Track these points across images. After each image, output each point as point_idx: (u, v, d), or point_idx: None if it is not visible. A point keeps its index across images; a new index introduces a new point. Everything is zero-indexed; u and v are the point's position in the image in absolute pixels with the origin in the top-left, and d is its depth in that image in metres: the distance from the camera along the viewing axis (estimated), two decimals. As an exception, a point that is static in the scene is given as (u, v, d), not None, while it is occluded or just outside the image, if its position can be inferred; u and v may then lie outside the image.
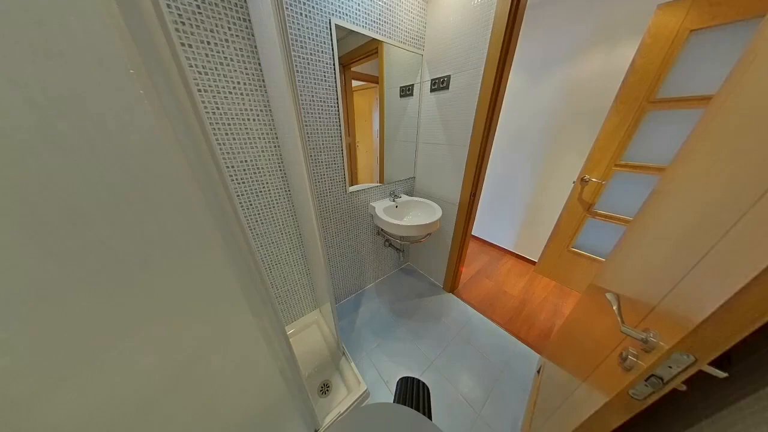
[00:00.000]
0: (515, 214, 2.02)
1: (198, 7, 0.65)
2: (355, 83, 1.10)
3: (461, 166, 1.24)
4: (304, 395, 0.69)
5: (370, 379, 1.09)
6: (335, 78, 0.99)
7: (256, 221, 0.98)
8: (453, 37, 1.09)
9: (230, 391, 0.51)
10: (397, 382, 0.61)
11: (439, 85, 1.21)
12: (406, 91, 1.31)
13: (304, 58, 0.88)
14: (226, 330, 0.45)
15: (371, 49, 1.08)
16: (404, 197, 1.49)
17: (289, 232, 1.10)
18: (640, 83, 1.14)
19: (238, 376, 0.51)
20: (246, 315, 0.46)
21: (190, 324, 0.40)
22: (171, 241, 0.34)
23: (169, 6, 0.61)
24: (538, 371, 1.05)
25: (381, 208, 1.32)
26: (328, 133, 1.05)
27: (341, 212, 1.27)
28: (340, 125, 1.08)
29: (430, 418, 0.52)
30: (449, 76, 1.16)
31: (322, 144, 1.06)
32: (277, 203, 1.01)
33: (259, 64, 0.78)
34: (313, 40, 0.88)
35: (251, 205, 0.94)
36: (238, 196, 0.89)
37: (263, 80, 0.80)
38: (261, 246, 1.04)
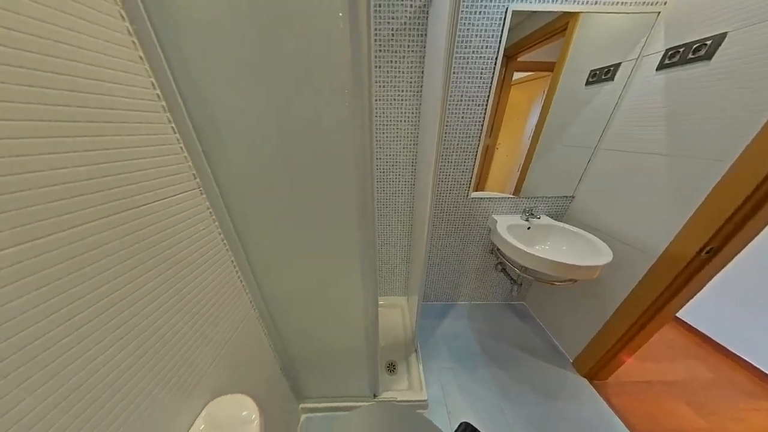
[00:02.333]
0: None
1: (392, 34, 0.85)
2: (516, 75, 0.95)
3: (694, 194, 0.71)
4: (374, 358, 0.80)
5: (432, 395, 1.03)
6: (493, 73, 0.91)
7: (382, 204, 1.19)
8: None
9: (335, 316, 0.70)
10: (462, 424, 0.53)
11: (686, 55, 0.73)
12: (601, 76, 0.93)
13: (464, 58, 0.89)
14: (343, 274, 0.61)
15: (557, 27, 0.86)
16: (545, 219, 1.15)
17: (402, 220, 1.24)
18: None
19: (340, 311, 0.69)
20: (356, 273, 0.60)
21: (328, 258, 0.59)
22: (331, 199, 0.50)
23: (375, 39, 0.85)
24: None
25: (505, 224, 1.11)
26: (466, 132, 1.02)
27: (456, 216, 1.22)
28: (482, 125, 1.00)
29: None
30: (723, 35, 0.66)
31: (457, 144, 1.05)
32: (401, 194, 1.16)
33: (422, 72, 0.89)
34: (479, 36, 0.86)
35: (383, 190, 1.16)
36: (377, 181, 1.13)
37: (421, 86, 0.92)
38: (378, 224, 1.26)
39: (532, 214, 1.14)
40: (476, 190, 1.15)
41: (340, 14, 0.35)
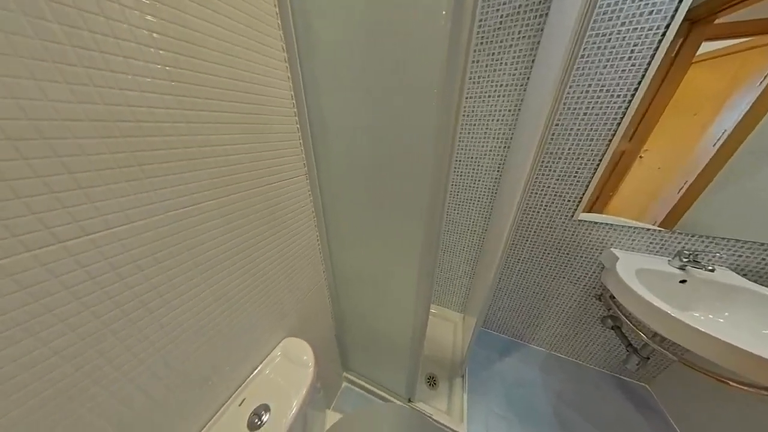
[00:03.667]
0: None
1: (500, 23, 0.75)
2: (706, 47, 0.62)
3: None
4: (416, 361, 0.78)
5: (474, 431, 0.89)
6: (655, 49, 0.64)
7: (453, 209, 1.11)
8: None
9: (386, 307, 0.74)
10: None
11: None
12: None
13: (602, 34, 0.67)
14: (401, 270, 0.62)
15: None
16: (725, 275, 0.74)
17: (474, 230, 1.11)
18: None
19: (392, 304, 0.71)
20: (413, 272, 0.59)
21: (391, 251, 0.62)
22: (403, 196, 0.52)
23: (478, 32, 0.78)
24: None
25: (633, 266, 0.78)
26: (586, 135, 0.78)
27: (549, 239, 0.97)
28: (617, 124, 0.73)
29: None
30: None
31: (568, 149, 0.82)
32: (478, 201, 1.04)
33: (532, 61, 0.75)
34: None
35: (457, 194, 1.08)
36: (451, 185, 1.07)
37: (527, 79, 0.77)
38: (445, 229, 1.19)
39: (696, 262, 0.74)
40: (588, 211, 0.87)
41: (444, 12, 0.34)
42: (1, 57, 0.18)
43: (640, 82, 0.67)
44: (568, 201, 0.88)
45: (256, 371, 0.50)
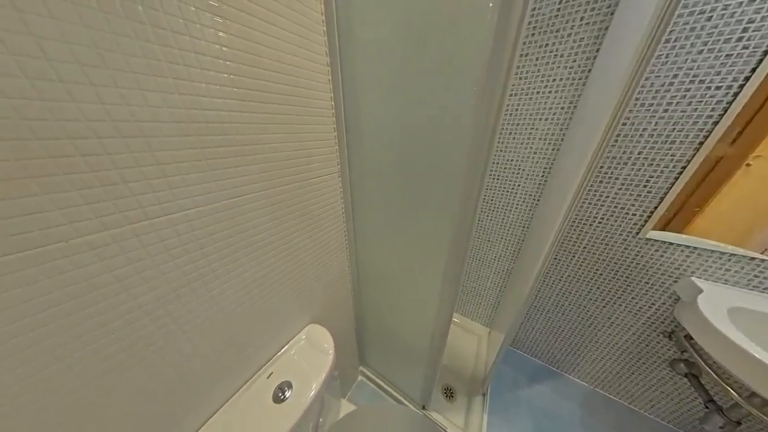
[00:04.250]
0: None
1: (557, 11, 0.67)
2: None
3: None
4: (433, 369, 0.76)
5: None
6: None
7: (486, 215, 1.04)
8: None
9: (407, 309, 0.73)
10: None
11: None
12: None
13: (700, 11, 0.55)
14: (425, 273, 0.61)
15: None
16: None
17: (509, 240, 1.02)
18: None
19: (413, 306, 0.70)
20: (437, 277, 0.57)
21: (416, 253, 0.61)
22: (432, 197, 0.51)
23: (528, 23, 0.71)
24: None
25: (725, 303, 0.63)
26: (665, 136, 0.65)
27: (601, 258, 0.84)
28: (712, 123, 0.59)
29: None
30: None
31: (637, 154, 0.69)
32: (516, 208, 0.95)
33: (597, 50, 0.65)
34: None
35: (491, 199, 1.00)
36: (486, 189, 1.00)
37: (588, 71, 0.67)
38: (477, 236, 1.11)
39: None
40: (662, 228, 0.72)
41: (490, 4, 0.32)
42: (120, 73, 0.24)
43: (754, 70, 0.53)
44: (633, 215, 0.74)
45: (283, 350, 0.55)
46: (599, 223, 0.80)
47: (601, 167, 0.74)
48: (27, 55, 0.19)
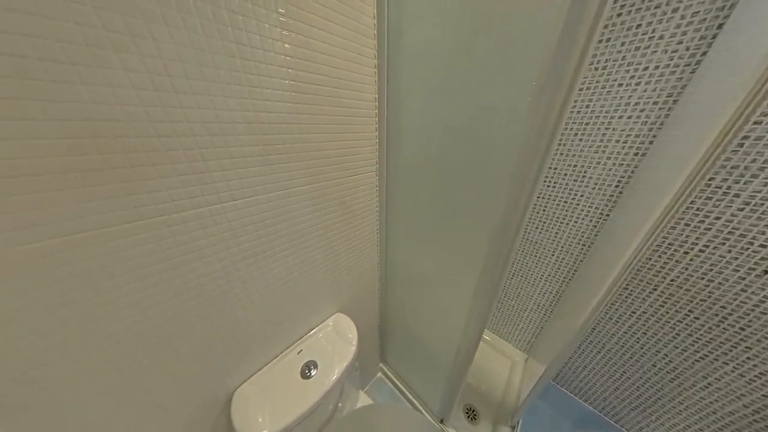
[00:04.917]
0: None
1: (658, -18, 0.54)
2: None
3: None
4: (455, 385, 0.71)
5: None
6: None
7: (536, 226, 0.92)
8: None
9: (432, 316, 0.71)
10: None
11: None
12: None
13: None
14: (455, 283, 0.58)
15: None
16: None
17: (563, 259, 0.88)
18: None
19: (439, 315, 0.67)
20: (469, 289, 0.54)
21: (448, 260, 0.58)
22: (472, 204, 0.47)
23: (615, 0, 0.59)
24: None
25: None
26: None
27: (699, 297, 0.66)
28: None
29: None
30: None
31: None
32: (575, 222, 0.81)
33: (720, 26, 0.50)
34: None
35: (543, 209, 0.88)
36: (537, 197, 0.88)
37: (702, 55, 0.52)
38: (521, 250, 0.99)
39: None
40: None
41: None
42: (212, 84, 0.30)
43: None
44: (761, 246, 0.55)
45: (312, 332, 0.60)
46: (701, 251, 0.62)
47: (711, 179, 0.57)
48: (156, 73, 0.26)
